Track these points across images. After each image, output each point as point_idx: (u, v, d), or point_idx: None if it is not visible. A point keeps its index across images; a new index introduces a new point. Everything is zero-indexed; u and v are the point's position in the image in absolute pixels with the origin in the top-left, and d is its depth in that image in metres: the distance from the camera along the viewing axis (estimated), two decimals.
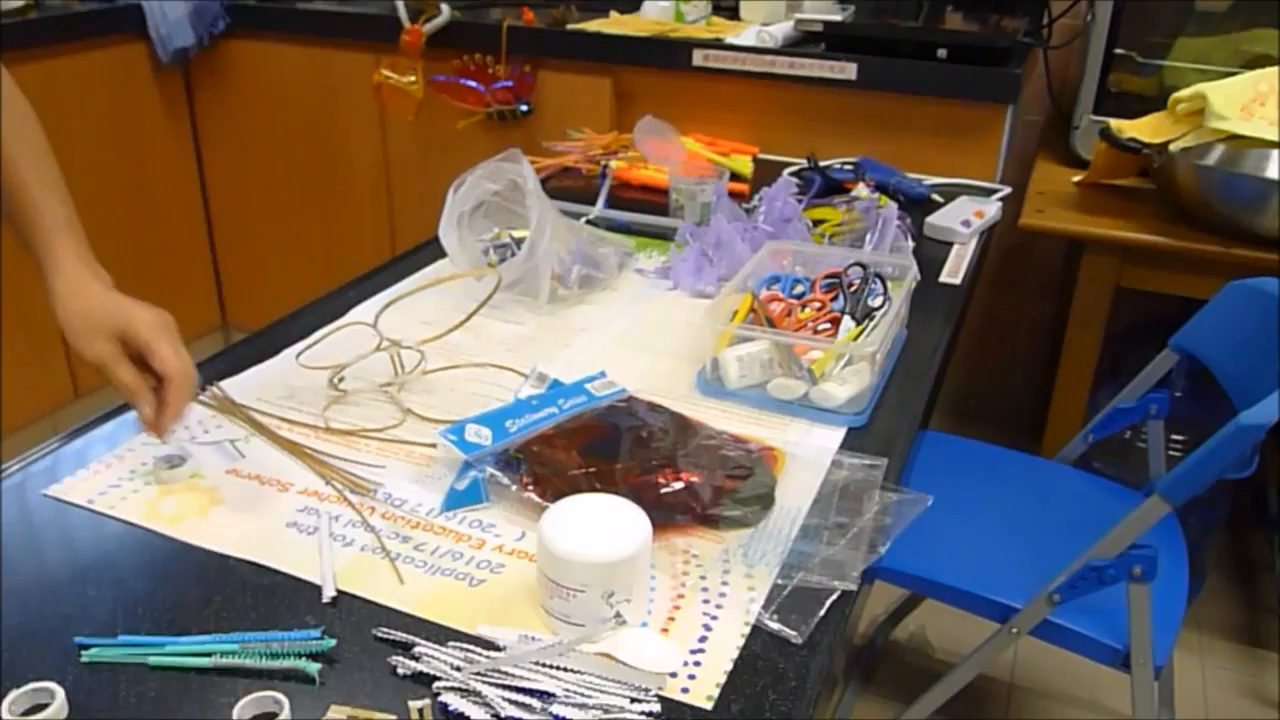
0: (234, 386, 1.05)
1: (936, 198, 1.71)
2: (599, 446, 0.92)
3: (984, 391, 2.54)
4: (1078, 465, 1.57)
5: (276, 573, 0.79)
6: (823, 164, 1.74)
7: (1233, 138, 1.57)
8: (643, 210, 1.61)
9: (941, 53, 1.90)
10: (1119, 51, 1.87)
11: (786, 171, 1.79)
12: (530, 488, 0.86)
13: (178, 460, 0.91)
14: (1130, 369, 1.52)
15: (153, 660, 0.70)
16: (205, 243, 2.69)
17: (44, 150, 0.92)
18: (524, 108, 2.18)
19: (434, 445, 0.94)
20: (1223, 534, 2.20)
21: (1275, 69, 1.62)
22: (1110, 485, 1.53)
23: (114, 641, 0.71)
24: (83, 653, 0.70)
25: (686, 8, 2.18)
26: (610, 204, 1.64)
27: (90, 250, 0.89)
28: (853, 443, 0.99)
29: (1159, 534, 1.22)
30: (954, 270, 1.45)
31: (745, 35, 2.05)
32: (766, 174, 1.77)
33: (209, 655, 0.70)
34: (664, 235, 1.51)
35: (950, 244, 1.54)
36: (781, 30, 2.03)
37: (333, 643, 0.71)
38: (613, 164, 1.74)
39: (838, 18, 2.01)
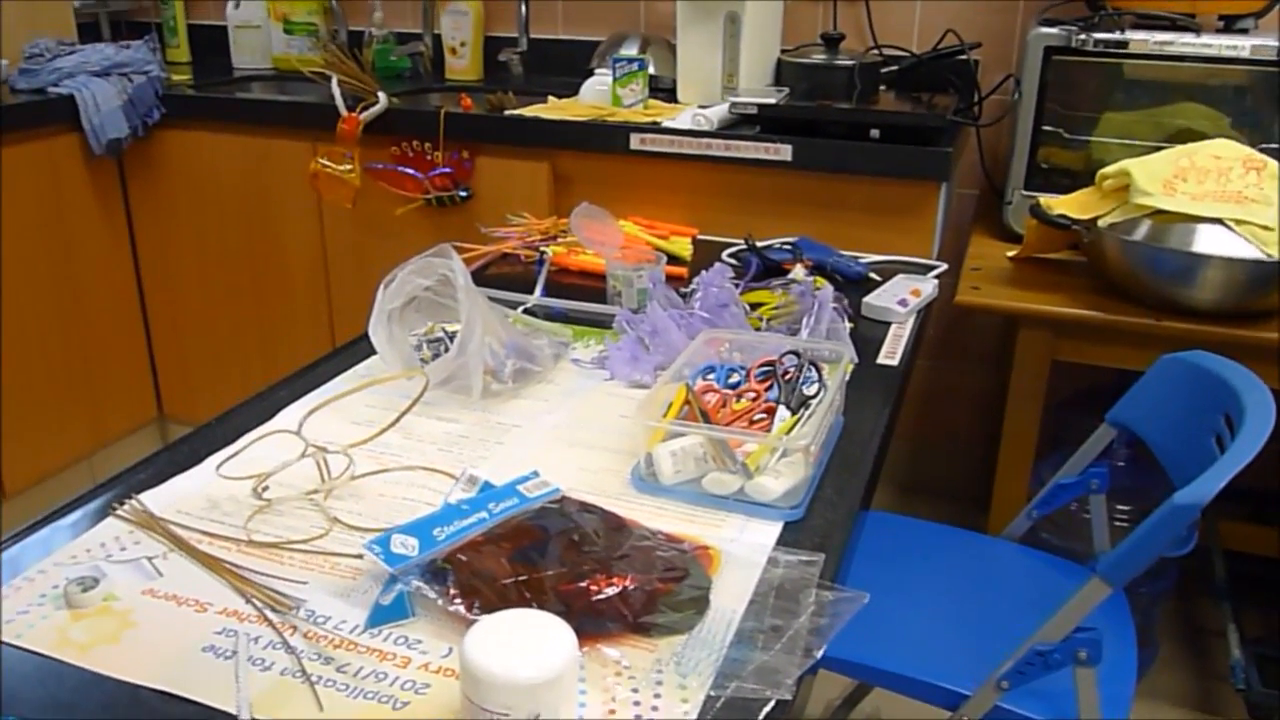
0: (154, 499, 1.02)
1: (874, 276, 1.73)
2: (530, 552, 0.90)
3: (930, 464, 2.56)
4: (1024, 541, 1.57)
5: (190, 703, 0.76)
6: (761, 244, 1.76)
7: (1158, 213, 1.61)
8: (582, 296, 1.61)
9: (874, 133, 1.94)
10: (1047, 128, 1.92)
11: (724, 254, 1.81)
12: (457, 600, 0.84)
13: (90, 582, 0.88)
14: (1075, 439, 1.54)
15: None
16: (141, 335, 2.66)
17: None
18: (463, 193, 2.19)
19: (360, 556, 0.92)
20: (1173, 601, 2.21)
21: (1196, 145, 1.67)
22: (1057, 562, 1.53)
23: None
24: None
25: (623, 91, 2.21)
26: (549, 290, 1.64)
27: None
28: (789, 538, 0.99)
29: (1104, 612, 1.22)
30: (891, 351, 1.46)
31: (681, 118, 2.08)
32: (706, 256, 1.78)
33: None
34: (602, 323, 1.51)
35: (888, 324, 1.55)
36: (717, 113, 2.06)
37: None
38: (550, 250, 1.75)
39: (772, 100, 2.04)
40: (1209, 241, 1.56)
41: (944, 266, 1.81)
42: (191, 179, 2.47)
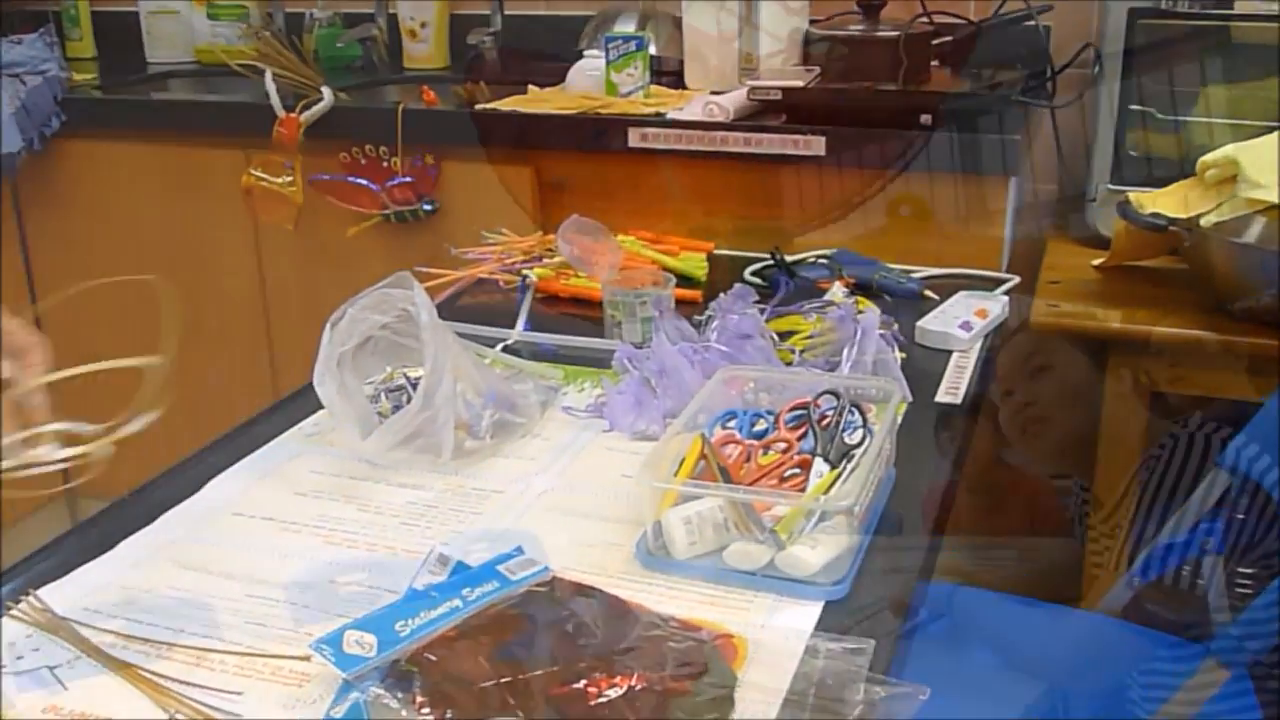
0: (57, 594, 1.03)
1: (929, 294, 1.73)
2: (514, 648, 0.91)
3: (1007, 523, 2.55)
4: (1125, 615, 1.57)
5: None
6: (791, 260, 1.77)
7: (1273, 208, 1.62)
8: (575, 329, 1.62)
9: (925, 119, 1.95)
10: (1135, 108, 1.93)
11: (747, 272, 1.82)
12: (425, 710, 0.85)
13: None
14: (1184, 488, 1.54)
15: None
16: None
17: None
18: (427, 207, 2.21)
19: (308, 658, 0.93)
20: None
21: None
22: (1166, 640, 1.53)
23: None
24: None
25: (619, 77, 2.23)
26: (534, 323, 1.65)
27: None
28: (831, 621, 0.99)
29: (1225, 699, 1.22)
30: (953, 386, 1.46)
31: (690, 108, 2.10)
32: (724, 275, 1.79)
33: None
34: (600, 361, 1.52)
35: (948, 352, 1.55)
36: (733, 100, 2.08)
37: None
38: (535, 274, 1.76)
39: (800, 83, 2.06)
40: None
41: (1015, 280, 1.82)
42: (99, 200, 2.50)
